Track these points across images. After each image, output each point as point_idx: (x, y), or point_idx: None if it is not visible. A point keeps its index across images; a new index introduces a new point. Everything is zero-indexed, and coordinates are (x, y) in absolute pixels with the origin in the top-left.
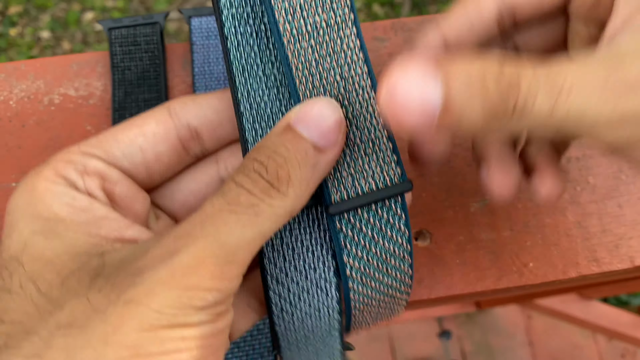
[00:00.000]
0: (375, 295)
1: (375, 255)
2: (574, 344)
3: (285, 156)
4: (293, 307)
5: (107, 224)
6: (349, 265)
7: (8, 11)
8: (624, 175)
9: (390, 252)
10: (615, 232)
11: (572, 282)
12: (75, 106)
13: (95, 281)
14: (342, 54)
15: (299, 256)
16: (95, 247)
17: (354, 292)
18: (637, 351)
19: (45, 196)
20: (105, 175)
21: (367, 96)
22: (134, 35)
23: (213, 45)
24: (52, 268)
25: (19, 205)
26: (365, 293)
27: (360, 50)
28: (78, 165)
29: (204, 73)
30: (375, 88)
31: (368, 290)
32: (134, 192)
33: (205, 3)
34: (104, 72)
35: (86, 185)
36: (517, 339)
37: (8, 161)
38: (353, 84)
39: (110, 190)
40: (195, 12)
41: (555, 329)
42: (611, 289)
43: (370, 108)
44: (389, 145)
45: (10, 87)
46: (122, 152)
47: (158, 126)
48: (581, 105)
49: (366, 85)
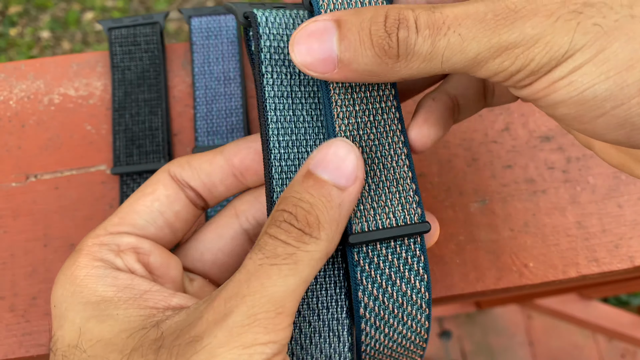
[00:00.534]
0: (388, 343)
1: (391, 298)
2: (574, 343)
3: (311, 202)
4: (304, 351)
5: (152, 296)
6: (363, 303)
7: (8, 11)
8: (624, 175)
9: (407, 297)
10: (615, 232)
11: (572, 282)
12: (75, 106)
13: (159, 354)
14: (378, 99)
15: (312, 293)
16: (149, 319)
17: (366, 335)
18: (637, 351)
19: (88, 282)
20: (138, 248)
21: (397, 139)
22: (134, 35)
23: (213, 45)
24: (113, 348)
25: (64, 296)
26: (378, 339)
27: (394, 98)
28: (111, 246)
29: (203, 73)
30: (404, 133)
31: (381, 336)
32: (167, 258)
33: (205, 3)
34: (103, 72)
35: (124, 263)
36: (517, 339)
37: (8, 161)
38: (384, 126)
39: (145, 262)
40: (195, 12)
41: (555, 329)
42: (611, 289)
43: (398, 150)
44: (412, 186)
45: (10, 87)
46: (146, 220)
47: (167, 189)
48: (459, 39)
49: (396, 129)
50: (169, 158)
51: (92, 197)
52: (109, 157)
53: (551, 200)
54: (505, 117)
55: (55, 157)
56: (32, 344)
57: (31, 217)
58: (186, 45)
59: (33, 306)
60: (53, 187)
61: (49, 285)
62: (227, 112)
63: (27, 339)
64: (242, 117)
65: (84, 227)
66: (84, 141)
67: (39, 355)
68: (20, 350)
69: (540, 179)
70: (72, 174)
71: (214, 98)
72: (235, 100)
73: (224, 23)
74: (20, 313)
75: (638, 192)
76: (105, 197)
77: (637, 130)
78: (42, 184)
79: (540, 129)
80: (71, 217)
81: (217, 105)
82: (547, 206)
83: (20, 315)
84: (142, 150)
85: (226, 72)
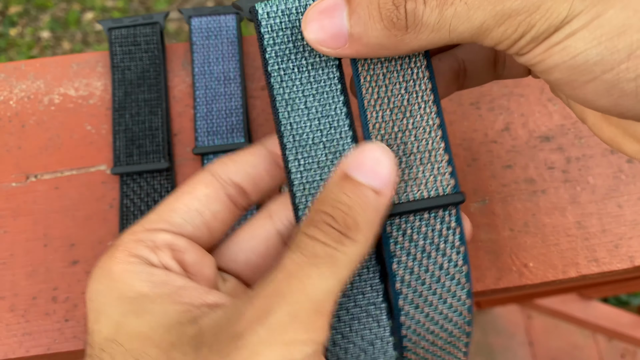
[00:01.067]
0: (429, 326)
1: (428, 271)
2: (573, 343)
3: (349, 204)
4: (345, 339)
5: (187, 293)
6: (398, 276)
7: (8, 11)
8: (624, 175)
9: (444, 270)
10: (615, 232)
11: (571, 282)
12: (75, 106)
13: (200, 350)
14: (409, 70)
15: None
16: (186, 315)
17: (405, 314)
18: (637, 351)
19: (125, 277)
20: (173, 245)
21: (429, 110)
22: (134, 35)
23: (213, 45)
24: (151, 343)
25: (100, 291)
26: (418, 320)
27: (426, 68)
28: (147, 242)
29: (204, 73)
30: (437, 102)
31: (421, 317)
32: (202, 256)
33: (205, 3)
34: (104, 72)
35: (160, 259)
36: (517, 339)
37: (8, 161)
38: (416, 98)
39: (180, 259)
40: (195, 12)
41: (555, 328)
42: (611, 289)
43: (430, 121)
44: (445, 156)
45: (10, 87)
46: (183, 219)
47: (207, 188)
48: (465, 8)
49: (429, 100)
50: (169, 158)
51: (93, 197)
52: (109, 157)
53: (551, 200)
54: (505, 117)
55: (56, 157)
56: (32, 344)
57: (31, 217)
58: (186, 45)
59: (33, 306)
60: (53, 187)
61: (49, 285)
62: (227, 112)
63: (27, 338)
64: (242, 117)
65: (85, 227)
66: (84, 141)
67: (39, 355)
68: (21, 350)
69: (540, 179)
70: (73, 174)
71: (214, 98)
72: (235, 100)
73: (224, 23)
74: (21, 313)
75: (638, 192)
76: (105, 197)
77: (625, 97)
78: (42, 183)
79: (540, 129)
80: (71, 217)
81: (217, 105)
82: (547, 206)
83: (21, 315)
84: (142, 150)
85: (226, 72)
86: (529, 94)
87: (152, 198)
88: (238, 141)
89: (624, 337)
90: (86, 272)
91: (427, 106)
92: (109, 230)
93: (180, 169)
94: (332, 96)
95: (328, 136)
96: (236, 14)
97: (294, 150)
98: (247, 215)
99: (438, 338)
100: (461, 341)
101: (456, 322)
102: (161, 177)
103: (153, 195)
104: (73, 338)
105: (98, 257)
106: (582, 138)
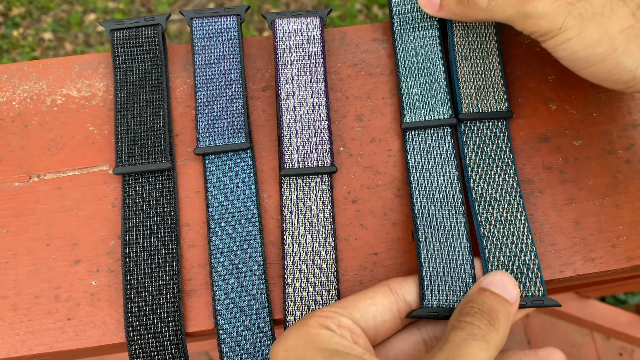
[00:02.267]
0: (492, 192)
1: (488, 156)
2: (571, 342)
3: (492, 305)
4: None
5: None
6: (468, 157)
7: (11, 12)
8: (622, 175)
9: (499, 156)
10: (613, 232)
11: (569, 281)
12: (77, 107)
13: None
14: (482, 35)
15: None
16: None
17: (473, 181)
18: (634, 350)
19: (320, 337)
20: (352, 329)
21: (494, 51)
22: (136, 36)
23: (214, 46)
24: None
25: (298, 344)
26: (483, 186)
27: (495, 34)
28: (335, 320)
29: (205, 74)
30: (499, 49)
31: (485, 184)
32: (368, 346)
33: (207, 5)
34: (106, 73)
35: (341, 334)
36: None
37: (11, 161)
38: (486, 49)
39: (355, 341)
40: (197, 14)
41: (553, 327)
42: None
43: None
44: (503, 85)
45: (13, 88)
46: (361, 316)
47: (385, 299)
48: (501, 2)
49: (494, 47)
50: (170, 158)
51: (95, 197)
52: (111, 157)
53: (548, 200)
54: None
55: (58, 157)
56: (35, 343)
57: (34, 216)
58: (188, 47)
59: (35, 305)
60: (56, 187)
61: (51, 284)
62: (229, 113)
63: (30, 337)
64: (242, 118)
65: (87, 227)
66: (87, 141)
67: (42, 353)
68: (23, 348)
69: (537, 179)
70: (75, 174)
71: (215, 99)
72: (236, 101)
73: (225, 25)
74: (23, 312)
75: (636, 191)
76: (107, 197)
77: (605, 80)
78: (44, 183)
79: (537, 130)
80: (74, 217)
81: (219, 106)
82: (545, 206)
83: (23, 314)
84: (144, 150)
85: (227, 73)
86: (527, 95)
87: (153, 198)
88: (239, 142)
89: (621, 335)
90: (88, 271)
91: (493, 48)
92: (111, 230)
93: (182, 169)
94: (434, 45)
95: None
96: (237, 15)
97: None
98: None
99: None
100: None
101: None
102: (163, 177)
103: (155, 195)
104: (75, 337)
105: (100, 256)
106: (580, 139)
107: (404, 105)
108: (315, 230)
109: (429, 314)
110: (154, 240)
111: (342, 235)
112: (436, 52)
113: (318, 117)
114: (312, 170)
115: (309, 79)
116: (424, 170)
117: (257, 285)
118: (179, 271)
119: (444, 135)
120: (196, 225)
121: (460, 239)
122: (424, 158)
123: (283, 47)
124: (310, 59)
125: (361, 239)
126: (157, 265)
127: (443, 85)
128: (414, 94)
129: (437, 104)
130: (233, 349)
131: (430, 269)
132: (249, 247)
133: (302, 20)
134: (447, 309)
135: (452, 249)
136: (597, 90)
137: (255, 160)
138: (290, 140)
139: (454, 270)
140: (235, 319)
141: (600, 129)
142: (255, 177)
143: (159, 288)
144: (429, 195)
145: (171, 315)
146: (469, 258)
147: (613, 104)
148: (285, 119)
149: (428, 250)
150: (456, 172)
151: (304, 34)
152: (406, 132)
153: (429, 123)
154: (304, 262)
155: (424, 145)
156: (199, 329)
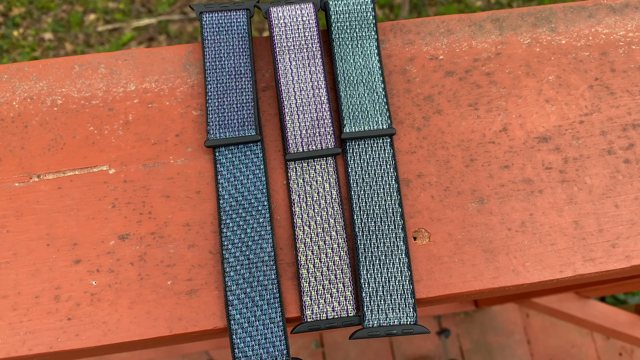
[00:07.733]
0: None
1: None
2: (571, 342)
3: None
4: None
5: None
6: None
7: (11, 12)
8: (621, 175)
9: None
10: (612, 232)
11: (569, 281)
12: (77, 107)
13: None
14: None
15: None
16: None
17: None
18: (634, 349)
19: None
20: None
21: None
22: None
23: (224, 40)
24: None
25: None
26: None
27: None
28: None
29: (215, 67)
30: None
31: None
32: None
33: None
34: (106, 74)
35: None
36: (515, 337)
37: (11, 161)
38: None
39: None
40: (207, 8)
41: (553, 327)
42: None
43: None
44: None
45: (13, 88)
46: None
47: None
48: None
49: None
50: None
51: (95, 197)
52: (111, 157)
53: (548, 200)
54: (502, 118)
55: (58, 157)
56: (35, 342)
57: (34, 216)
58: (188, 47)
59: (36, 305)
60: (56, 187)
61: (51, 284)
62: (239, 106)
63: (30, 337)
64: (252, 111)
65: (87, 227)
66: (87, 142)
67: (42, 353)
68: (23, 348)
69: (537, 179)
70: (75, 174)
71: (225, 92)
72: (246, 94)
73: (235, 18)
74: (23, 312)
75: (635, 191)
76: (107, 196)
77: None
78: (45, 183)
79: (537, 130)
80: (74, 217)
81: (229, 99)
82: (544, 206)
83: (23, 314)
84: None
85: (237, 66)
86: (526, 95)
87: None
88: (249, 134)
89: (621, 335)
90: (88, 271)
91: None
92: (112, 230)
93: (182, 169)
94: (372, 55)
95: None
96: (247, 9)
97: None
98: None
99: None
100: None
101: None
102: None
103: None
104: (75, 336)
105: (100, 256)
106: (580, 139)
107: (344, 115)
108: (324, 211)
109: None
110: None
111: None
112: (374, 62)
113: (319, 100)
114: (316, 153)
115: (306, 62)
116: (364, 182)
117: (269, 276)
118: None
119: (384, 145)
120: (196, 225)
121: (400, 255)
122: (364, 170)
123: (279, 34)
124: (306, 43)
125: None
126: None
127: (382, 95)
128: (353, 104)
129: (376, 114)
130: (244, 340)
131: (370, 289)
132: (260, 238)
133: (297, 7)
134: (386, 327)
135: (392, 267)
136: (597, 90)
137: (265, 152)
138: (293, 125)
139: (393, 288)
140: (246, 309)
141: (600, 129)
142: (265, 169)
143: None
144: (369, 211)
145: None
146: (407, 273)
147: (613, 104)
148: (287, 104)
149: (368, 270)
150: (395, 184)
151: (299, 19)
152: (346, 143)
153: (368, 133)
154: (315, 242)
155: (364, 157)
156: (199, 329)
